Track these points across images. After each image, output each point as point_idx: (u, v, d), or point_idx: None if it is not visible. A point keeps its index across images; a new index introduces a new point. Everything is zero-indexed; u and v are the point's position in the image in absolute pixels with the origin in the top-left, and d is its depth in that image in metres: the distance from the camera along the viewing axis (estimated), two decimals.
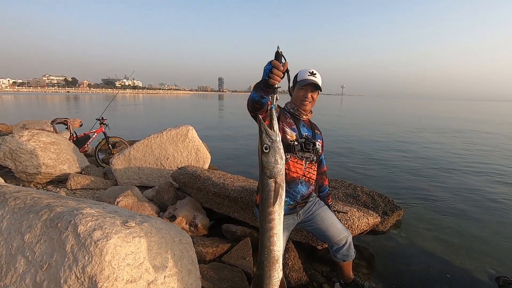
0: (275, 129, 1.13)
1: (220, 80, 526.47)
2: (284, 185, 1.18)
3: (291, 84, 1.26)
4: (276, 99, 1.21)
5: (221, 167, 5.50)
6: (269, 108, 1.20)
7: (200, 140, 4.42)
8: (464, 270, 2.61)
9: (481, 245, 3.05)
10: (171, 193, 3.45)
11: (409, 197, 4.45)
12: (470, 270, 2.61)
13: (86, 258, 0.99)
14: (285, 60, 1.14)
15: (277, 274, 1.25)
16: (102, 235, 1.04)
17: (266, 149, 1.11)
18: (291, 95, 1.66)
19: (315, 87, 1.60)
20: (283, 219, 1.63)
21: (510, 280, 2.36)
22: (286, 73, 1.17)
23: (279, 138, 1.14)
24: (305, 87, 1.60)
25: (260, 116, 1.17)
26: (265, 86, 1.17)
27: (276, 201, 1.14)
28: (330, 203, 1.94)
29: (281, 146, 1.14)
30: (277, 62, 1.12)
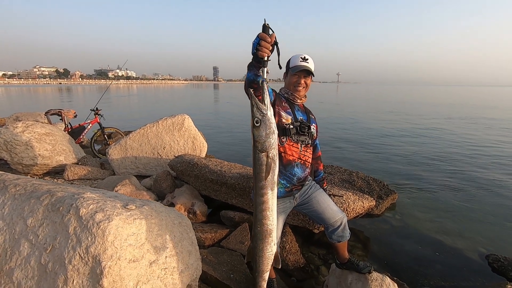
0: (266, 103, 1.13)
1: (215, 69, 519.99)
2: (277, 160, 1.18)
3: (280, 58, 1.26)
4: (267, 72, 1.20)
5: (217, 156, 5.52)
6: (260, 80, 1.19)
7: (196, 129, 4.42)
8: (456, 249, 2.71)
9: (473, 226, 3.15)
10: (168, 182, 3.47)
11: (404, 181, 4.54)
12: (461, 250, 2.70)
13: (89, 239, 1.02)
14: (273, 32, 1.14)
15: (270, 247, 1.27)
16: (104, 217, 1.06)
17: (257, 122, 1.11)
18: (280, 68, 1.66)
19: (308, 72, 1.62)
20: (280, 203, 1.67)
21: (499, 257, 2.46)
22: (275, 46, 1.17)
23: (270, 112, 1.14)
24: (297, 73, 1.62)
25: (252, 91, 1.17)
26: (255, 61, 1.18)
27: (268, 175, 1.14)
28: (325, 187, 1.98)
29: (272, 120, 1.15)
30: (264, 34, 1.11)
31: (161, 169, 4.00)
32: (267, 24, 1.12)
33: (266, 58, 1.15)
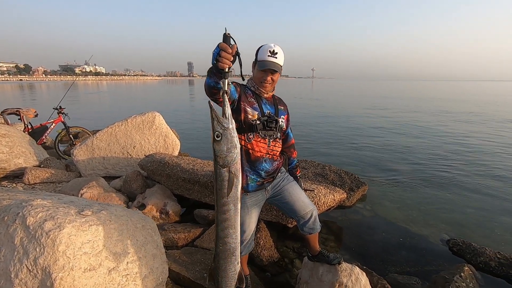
0: (227, 116, 1.08)
1: (190, 64, 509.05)
2: (239, 174, 1.13)
3: (243, 69, 1.22)
4: (229, 84, 1.15)
5: (192, 154, 5.42)
6: (220, 93, 1.13)
7: (168, 127, 4.29)
8: (421, 236, 2.86)
9: (437, 214, 3.34)
10: (139, 182, 3.35)
11: (374, 173, 4.72)
12: (426, 236, 2.86)
13: (38, 250, 0.94)
14: (234, 42, 1.08)
15: (233, 267, 1.22)
16: (54, 225, 0.98)
17: (218, 137, 1.06)
18: (243, 79, 1.62)
19: (275, 70, 1.57)
20: (252, 196, 1.66)
21: (458, 241, 2.62)
22: (236, 56, 1.11)
23: (232, 126, 1.10)
24: (264, 69, 1.56)
25: (211, 103, 1.12)
26: (216, 71, 1.12)
27: (230, 191, 1.10)
28: (298, 175, 1.99)
29: (234, 134, 1.10)
30: (225, 44, 1.05)
31: (131, 169, 3.85)
32: (228, 34, 1.06)
33: (227, 69, 1.09)
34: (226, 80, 1.13)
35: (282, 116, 1.72)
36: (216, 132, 1.07)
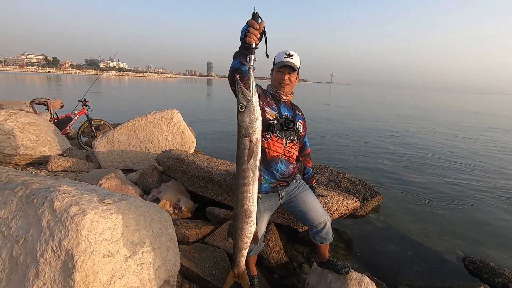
0: (251, 89, 1.15)
1: (209, 64, 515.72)
2: (259, 144, 1.21)
3: (268, 47, 1.28)
4: (254, 59, 1.22)
5: (206, 152, 5.50)
6: (247, 68, 1.21)
7: (185, 124, 4.38)
8: (435, 251, 2.78)
9: (452, 229, 3.24)
10: (155, 176, 3.44)
11: (389, 183, 4.62)
12: (440, 252, 2.77)
13: (63, 232, 1.00)
14: (262, 20, 1.16)
15: (250, 227, 1.31)
16: (78, 211, 1.04)
17: (241, 108, 1.14)
18: (267, 57, 1.68)
19: (292, 68, 1.61)
20: (265, 200, 1.68)
21: (475, 260, 2.53)
22: (263, 35, 1.19)
23: (255, 99, 1.16)
24: (281, 69, 1.61)
25: (237, 77, 1.18)
26: (243, 48, 1.19)
27: (250, 159, 1.17)
28: (314, 184, 1.99)
29: (257, 107, 1.17)
30: (253, 21, 1.14)
31: (148, 164, 3.96)
32: (257, 13, 1.15)
33: (253, 45, 1.18)
34: (253, 56, 1.21)
35: (299, 121, 1.74)
36: (240, 104, 1.14)
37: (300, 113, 1.80)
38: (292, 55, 1.60)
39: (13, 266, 1.04)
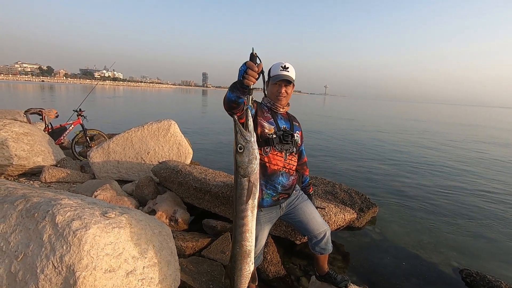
0: (250, 130, 1.16)
1: (204, 75, 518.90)
2: (257, 183, 1.22)
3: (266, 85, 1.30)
4: (252, 99, 1.23)
5: (203, 163, 5.49)
6: (244, 108, 1.22)
7: (182, 135, 4.39)
8: (431, 263, 2.79)
9: (448, 241, 3.26)
10: (151, 188, 3.41)
11: (385, 195, 4.65)
12: (437, 264, 2.79)
13: (64, 247, 0.99)
14: (260, 61, 1.16)
15: (248, 267, 1.32)
16: (81, 225, 1.03)
17: (240, 149, 1.15)
18: (265, 95, 1.69)
19: (288, 81, 1.64)
20: (266, 213, 1.68)
21: (472, 272, 2.55)
22: (261, 74, 1.20)
23: (253, 139, 1.17)
24: (278, 82, 1.63)
25: (236, 116, 1.19)
26: (241, 87, 1.19)
27: (249, 199, 1.19)
28: (311, 192, 2.00)
29: (255, 147, 1.18)
30: (251, 63, 1.13)
31: (144, 175, 3.93)
32: (255, 53, 1.15)
33: (251, 86, 1.18)
34: (250, 96, 1.22)
35: (297, 132, 1.76)
36: (239, 145, 1.15)
37: (297, 124, 1.82)
38: (287, 68, 1.62)
39: (11, 283, 1.02)
